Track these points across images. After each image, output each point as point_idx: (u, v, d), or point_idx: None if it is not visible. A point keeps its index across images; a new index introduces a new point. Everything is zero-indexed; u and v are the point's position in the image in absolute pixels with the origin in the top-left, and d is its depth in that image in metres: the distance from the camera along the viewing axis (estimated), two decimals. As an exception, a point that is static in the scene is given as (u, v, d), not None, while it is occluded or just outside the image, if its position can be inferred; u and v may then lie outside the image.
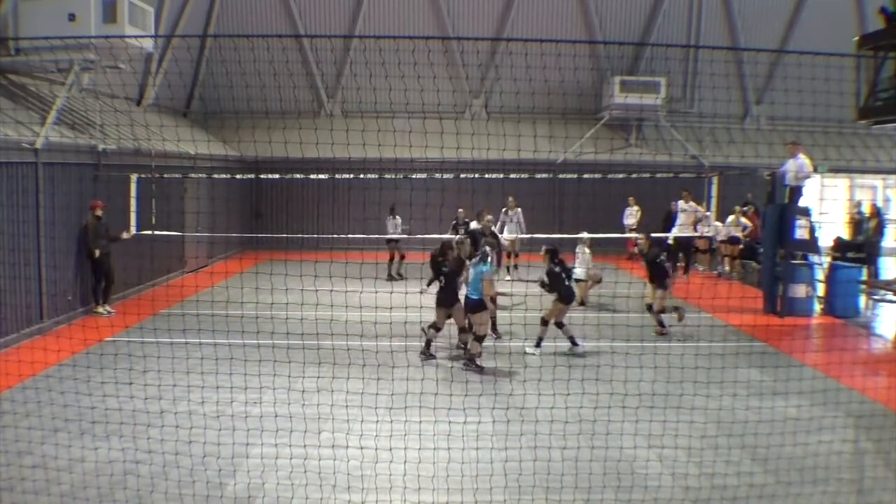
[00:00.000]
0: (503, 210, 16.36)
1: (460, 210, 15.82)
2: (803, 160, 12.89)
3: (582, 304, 13.02)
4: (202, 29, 20.17)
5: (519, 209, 16.27)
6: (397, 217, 16.12)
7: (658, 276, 11.03)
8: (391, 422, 6.90)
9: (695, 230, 17.01)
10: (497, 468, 6.02)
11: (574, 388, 7.23)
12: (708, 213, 17.31)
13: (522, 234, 16.02)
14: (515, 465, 6.02)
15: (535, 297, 11.83)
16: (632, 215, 19.55)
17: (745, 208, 17.57)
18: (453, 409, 6.48)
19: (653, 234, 12.27)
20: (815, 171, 13.44)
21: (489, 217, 14.01)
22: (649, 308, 11.23)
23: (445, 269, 9.60)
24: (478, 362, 9.03)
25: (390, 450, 6.27)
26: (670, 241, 17.36)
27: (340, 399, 7.19)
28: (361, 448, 6.04)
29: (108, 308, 11.99)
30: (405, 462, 5.85)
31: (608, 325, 10.21)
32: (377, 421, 6.87)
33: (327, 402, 7.21)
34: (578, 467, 6.05)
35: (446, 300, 9.53)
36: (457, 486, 5.71)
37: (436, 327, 9.58)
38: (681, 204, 16.86)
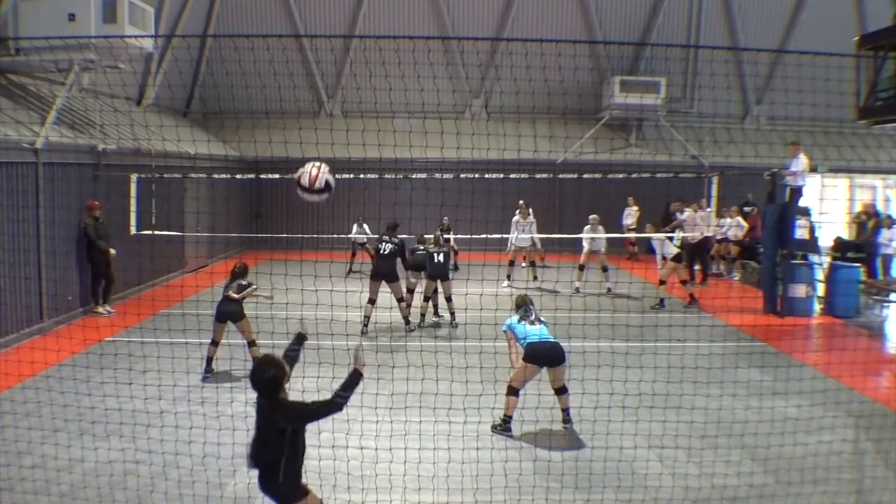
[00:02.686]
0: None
1: (445, 218, 15.64)
2: (802, 160, 12.91)
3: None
4: (202, 29, 20.16)
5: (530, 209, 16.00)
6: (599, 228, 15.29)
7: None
8: (391, 422, 6.90)
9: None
10: (497, 468, 6.02)
11: (574, 388, 7.23)
12: (708, 210, 17.28)
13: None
14: (515, 465, 6.03)
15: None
16: (631, 215, 19.56)
17: (745, 209, 17.56)
18: (453, 409, 6.47)
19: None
20: (814, 171, 13.45)
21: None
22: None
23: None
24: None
25: (390, 450, 6.27)
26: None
27: (340, 399, 7.18)
28: (361, 448, 6.03)
29: (107, 308, 11.99)
30: (405, 462, 5.85)
31: (608, 325, 10.19)
32: (377, 421, 6.87)
33: (327, 402, 7.20)
34: (578, 467, 6.05)
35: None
36: (457, 486, 5.71)
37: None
38: (680, 216, 16.57)
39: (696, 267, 16.44)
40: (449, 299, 11.67)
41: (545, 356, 6.93)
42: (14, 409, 7.09)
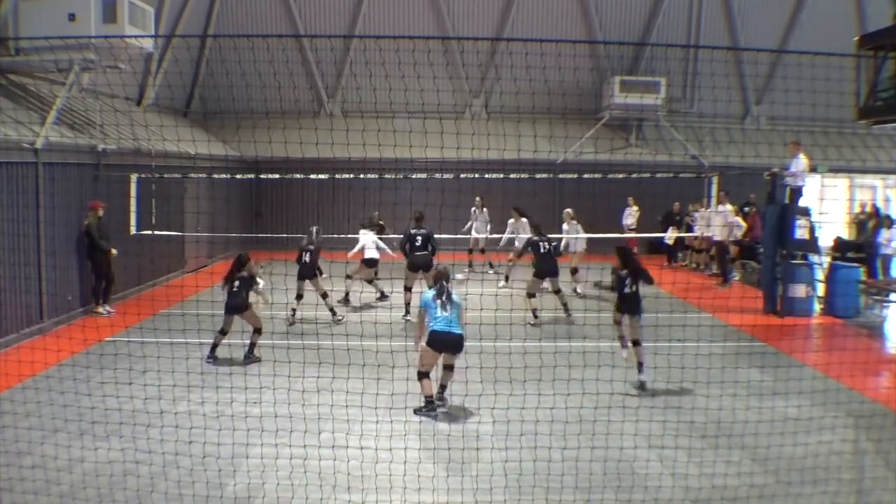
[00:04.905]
0: (472, 209, 17.04)
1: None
2: (802, 160, 12.92)
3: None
4: (202, 29, 20.16)
5: (485, 209, 17.17)
6: None
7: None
8: (391, 422, 6.90)
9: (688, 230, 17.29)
10: (497, 468, 6.02)
11: (574, 388, 7.23)
12: (700, 212, 17.49)
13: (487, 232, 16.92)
14: (515, 465, 6.02)
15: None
16: (631, 215, 19.55)
17: (745, 209, 17.57)
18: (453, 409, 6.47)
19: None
20: (814, 171, 13.46)
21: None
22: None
23: None
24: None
25: (390, 450, 6.27)
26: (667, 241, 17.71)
27: (340, 399, 7.18)
28: (361, 448, 6.03)
29: (108, 308, 11.98)
30: (405, 462, 5.85)
31: (608, 325, 10.19)
32: (377, 421, 6.87)
33: (327, 402, 7.21)
34: (578, 467, 6.05)
35: None
36: (457, 486, 5.71)
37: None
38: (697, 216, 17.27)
39: (715, 270, 16.53)
40: None
41: (443, 345, 7.39)
42: (14, 409, 7.09)
